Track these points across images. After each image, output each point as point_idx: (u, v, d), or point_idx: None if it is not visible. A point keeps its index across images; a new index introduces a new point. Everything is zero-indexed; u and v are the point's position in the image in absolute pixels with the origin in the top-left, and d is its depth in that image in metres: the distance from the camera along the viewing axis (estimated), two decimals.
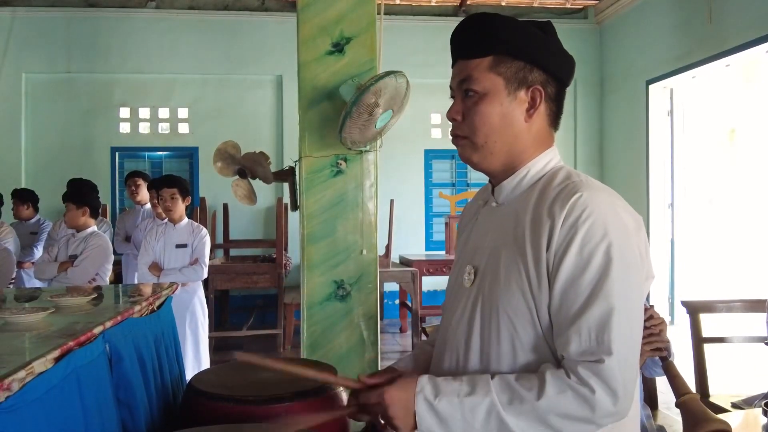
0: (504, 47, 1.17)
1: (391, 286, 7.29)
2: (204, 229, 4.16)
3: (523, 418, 1.06)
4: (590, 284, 1.08)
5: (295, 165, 3.40)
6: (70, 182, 4.08)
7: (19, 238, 5.40)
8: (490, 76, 1.18)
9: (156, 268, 4.01)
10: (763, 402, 2.21)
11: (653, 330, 2.03)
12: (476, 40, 1.18)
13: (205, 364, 4.05)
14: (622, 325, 1.07)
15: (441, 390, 1.10)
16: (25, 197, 5.72)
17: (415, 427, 1.11)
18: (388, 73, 2.87)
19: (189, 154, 7.60)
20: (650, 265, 1.18)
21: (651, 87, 6.89)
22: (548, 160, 1.24)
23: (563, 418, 1.06)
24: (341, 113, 2.89)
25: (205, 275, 4.09)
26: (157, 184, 4.39)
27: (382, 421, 1.15)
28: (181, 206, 4.09)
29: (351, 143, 3.01)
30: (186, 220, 4.14)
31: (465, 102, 1.20)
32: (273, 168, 3.70)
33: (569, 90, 1.32)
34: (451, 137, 1.27)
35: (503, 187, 1.25)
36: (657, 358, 2.11)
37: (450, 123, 1.25)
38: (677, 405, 1.80)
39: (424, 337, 4.51)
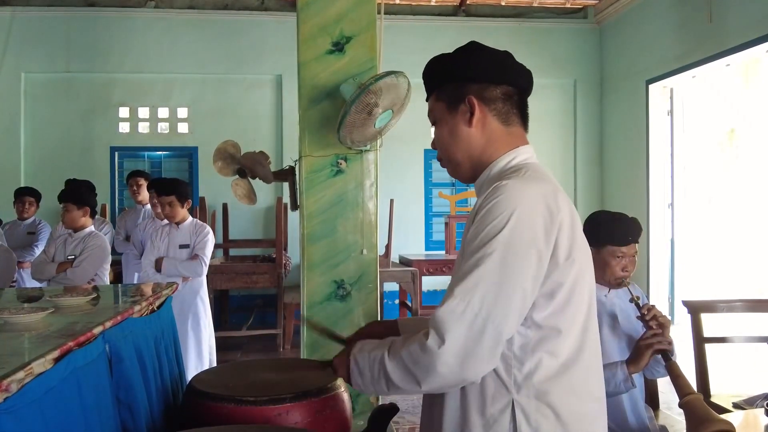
0: (439, 79, 1.40)
1: (391, 286, 7.28)
2: (207, 227, 4.13)
3: (394, 362, 1.22)
4: (473, 251, 1.20)
5: (295, 164, 3.40)
6: (69, 182, 4.05)
7: (16, 238, 5.38)
8: (437, 105, 1.40)
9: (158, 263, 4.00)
10: (765, 402, 2.21)
11: (656, 330, 2.01)
12: (426, 84, 1.44)
13: (208, 364, 4.02)
14: (482, 285, 1.16)
15: (363, 348, 1.31)
16: (33, 195, 5.69)
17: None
18: (388, 73, 2.86)
19: (188, 154, 7.59)
20: (574, 248, 1.23)
21: (651, 87, 6.88)
22: (511, 158, 1.34)
23: (412, 363, 1.19)
24: (340, 111, 2.88)
25: (205, 273, 4.05)
26: (155, 189, 4.34)
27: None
28: (180, 211, 4.05)
29: (351, 142, 3.00)
30: (189, 220, 4.12)
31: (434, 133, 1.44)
32: (273, 167, 3.69)
33: (569, 89, 1.38)
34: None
35: (476, 187, 1.40)
36: (660, 357, 2.09)
37: None
38: (680, 405, 1.78)
39: None
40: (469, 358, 1.14)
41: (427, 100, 1.44)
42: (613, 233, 2.23)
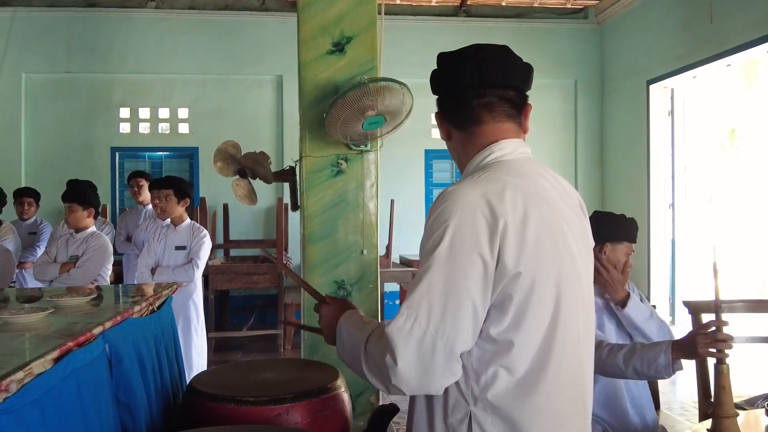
0: None
1: (392, 287, 7.28)
2: (204, 230, 4.11)
3: (367, 360, 1.23)
4: (420, 264, 1.20)
5: (296, 165, 3.39)
6: (72, 183, 4.04)
7: (19, 239, 5.38)
8: None
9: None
10: (766, 402, 2.20)
11: (725, 336, 1.85)
12: None
13: (198, 368, 3.97)
14: (426, 301, 1.15)
15: (350, 320, 1.35)
16: (32, 195, 5.70)
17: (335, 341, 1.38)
18: (392, 80, 2.87)
19: (189, 155, 7.59)
20: (522, 259, 1.17)
21: (652, 87, 6.88)
22: (483, 157, 1.33)
23: (378, 369, 1.20)
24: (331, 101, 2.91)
25: (198, 276, 3.99)
26: (154, 184, 4.36)
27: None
28: (176, 207, 4.01)
29: (343, 137, 3.01)
30: (187, 221, 4.10)
31: None
32: (273, 168, 3.68)
33: (569, 90, 1.36)
34: None
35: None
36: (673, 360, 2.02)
37: None
38: (714, 420, 1.70)
39: None
40: (425, 374, 1.14)
41: None
42: (612, 232, 2.24)
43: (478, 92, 1.32)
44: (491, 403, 1.19)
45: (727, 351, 1.82)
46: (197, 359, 4.01)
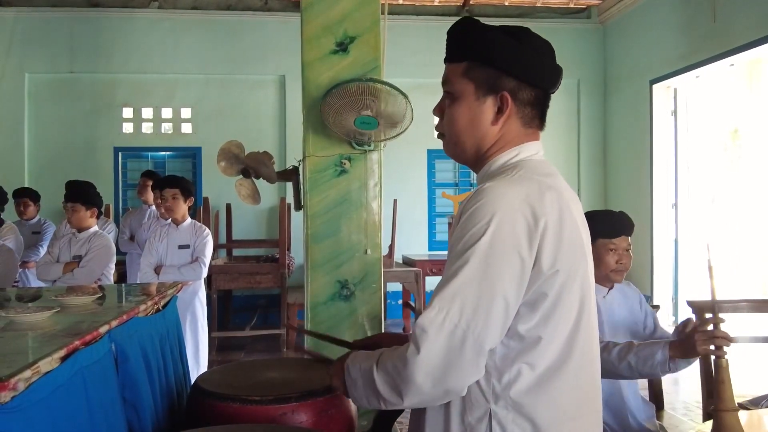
0: (476, 54, 1.26)
1: (394, 287, 7.28)
2: (207, 229, 4.14)
3: (380, 373, 1.19)
4: (454, 258, 1.17)
5: (299, 164, 3.40)
6: (73, 183, 4.05)
7: (21, 238, 5.39)
8: (463, 80, 1.28)
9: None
10: None
11: (722, 334, 1.85)
12: (455, 46, 1.30)
13: (204, 365, 4.03)
14: (460, 295, 1.12)
15: (357, 356, 1.29)
16: (32, 196, 5.72)
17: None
18: (396, 88, 2.89)
19: (192, 154, 7.60)
20: (558, 257, 1.17)
21: (655, 87, 6.87)
22: (513, 155, 1.29)
23: (395, 374, 1.16)
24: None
25: (204, 275, 4.05)
26: (159, 184, 4.38)
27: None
28: (182, 207, 4.06)
29: (343, 132, 3.04)
30: (189, 220, 4.13)
31: (445, 101, 1.33)
32: (276, 168, 3.69)
33: (572, 89, 1.34)
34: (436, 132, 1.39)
35: (477, 180, 1.35)
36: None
37: None
38: (714, 416, 1.71)
39: None
40: (450, 369, 1.12)
41: (446, 61, 1.32)
42: (603, 226, 2.28)
43: (549, 95, 1.31)
44: (514, 401, 1.18)
45: (725, 348, 1.82)
46: (204, 356, 4.06)
